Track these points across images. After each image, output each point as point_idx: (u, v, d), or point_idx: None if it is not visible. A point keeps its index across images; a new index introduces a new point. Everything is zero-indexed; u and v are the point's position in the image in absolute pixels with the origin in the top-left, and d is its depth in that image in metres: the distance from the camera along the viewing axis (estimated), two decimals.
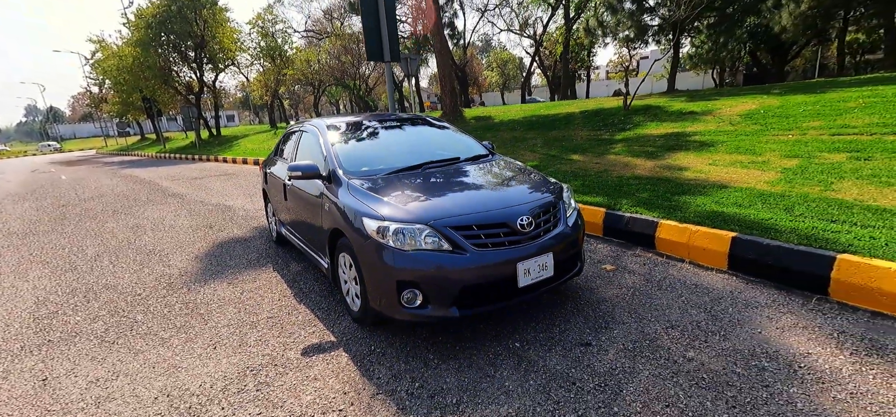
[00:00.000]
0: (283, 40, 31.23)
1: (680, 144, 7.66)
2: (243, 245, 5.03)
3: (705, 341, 2.32)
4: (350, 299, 2.92)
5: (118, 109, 35.41)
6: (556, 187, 3.01)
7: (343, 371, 2.37)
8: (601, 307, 2.84)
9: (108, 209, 8.12)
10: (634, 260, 3.66)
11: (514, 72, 52.01)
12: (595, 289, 3.12)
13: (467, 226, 2.43)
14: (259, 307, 3.28)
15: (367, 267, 2.53)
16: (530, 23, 31.83)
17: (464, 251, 2.36)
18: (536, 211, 2.62)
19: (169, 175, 13.55)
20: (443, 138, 4.02)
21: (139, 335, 2.94)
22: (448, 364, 2.34)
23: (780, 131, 7.15)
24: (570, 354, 2.33)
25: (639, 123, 9.98)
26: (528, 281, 2.47)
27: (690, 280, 3.14)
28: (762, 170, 5.41)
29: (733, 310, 2.63)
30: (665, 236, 3.84)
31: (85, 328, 3.10)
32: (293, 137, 4.36)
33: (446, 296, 2.36)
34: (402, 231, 2.40)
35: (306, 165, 3.15)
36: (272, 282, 3.79)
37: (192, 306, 3.37)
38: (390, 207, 2.56)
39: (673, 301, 2.81)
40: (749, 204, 4.20)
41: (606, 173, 6.36)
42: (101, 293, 3.81)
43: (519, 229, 2.48)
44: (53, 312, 3.44)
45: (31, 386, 2.41)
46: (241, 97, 66.07)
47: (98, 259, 4.87)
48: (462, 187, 2.90)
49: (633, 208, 4.47)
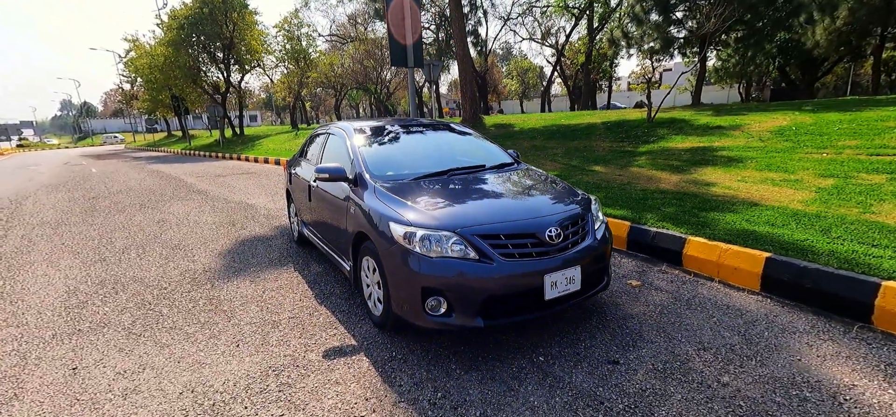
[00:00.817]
0: (308, 44, 31.87)
1: (707, 159, 7.47)
2: (265, 244, 5.10)
3: (741, 365, 2.22)
4: (372, 303, 2.91)
5: (148, 105, 36.60)
6: (584, 199, 2.95)
7: (364, 375, 2.35)
8: (628, 324, 2.75)
9: (135, 203, 8.35)
10: (661, 277, 3.56)
11: (533, 80, 51.83)
12: (621, 305, 3.04)
13: (494, 235, 2.39)
14: (281, 306, 3.30)
15: (391, 272, 2.52)
16: (553, 32, 31.70)
17: (490, 261, 2.33)
18: (565, 223, 2.57)
19: (193, 172, 13.89)
20: (467, 145, 4.01)
21: (165, 329, 2.98)
22: (471, 375, 2.30)
23: (813, 149, 6.91)
24: (597, 372, 2.26)
25: (663, 136, 9.79)
26: (555, 294, 2.42)
27: (721, 300, 3.02)
28: (795, 189, 5.22)
29: (769, 334, 2.51)
30: (693, 254, 3.73)
31: (113, 320, 3.16)
32: (319, 140, 4.41)
33: (471, 305, 2.32)
34: (429, 237, 2.38)
35: (333, 167, 3.17)
36: (293, 282, 3.81)
37: (216, 302, 3.41)
38: (417, 212, 2.55)
39: (704, 322, 2.71)
40: (782, 224, 4.05)
41: (630, 186, 6.24)
42: (129, 285, 3.89)
43: (547, 241, 2.43)
44: (83, 301, 3.54)
45: (62, 375, 2.47)
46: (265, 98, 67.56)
47: (126, 252, 5.00)
48: (489, 195, 2.87)
49: (659, 222, 4.36)
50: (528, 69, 50.31)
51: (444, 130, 4.17)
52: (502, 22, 29.22)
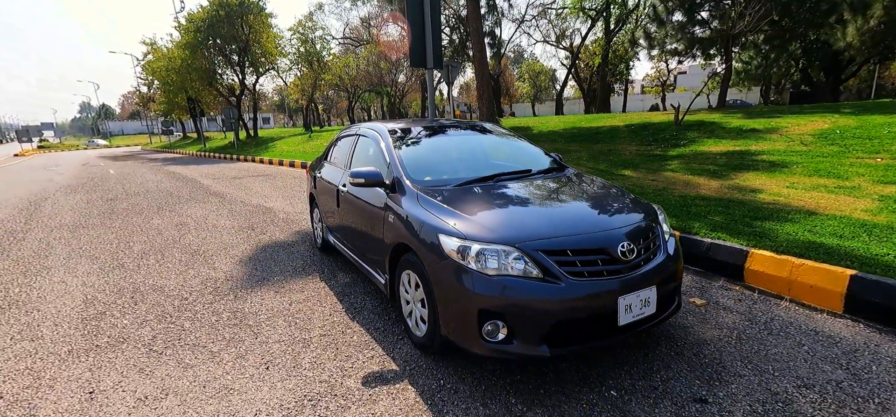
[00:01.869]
0: (322, 47, 31.93)
1: (746, 163, 7.08)
2: (287, 251, 4.87)
3: (859, 410, 1.89)
4: (413, 321, 2.64)
5: (164, 108, 37.02)
6: (650, 208, 2.65)
7: (412, 409, 2.07)
8: (705, 351, 2.44)
9: (152, 205, 8.22)
10: (725, 294, 3.23)
11: (545, 83, 51.37)
12: (689, 328, 2.72)
13: (561, 251, 2.10)
14: (310, 321, 3.05)
15: (441, 290, 2.24)
16: (568, 34, 31.29)
17: (557, 280, 2.03)
18: (636, 236, 2.27)
19: (209, 174, 13.82)
20: (508, 148, 3.72)
21: (188, 346, 2.74)
22: (535, 412, 2.00)
23: (864, 154, 6.48)
24: (684, 412, 1.95)
25: (694, 139, 9.39)
26: (629, 319, 2.11)
27: (805, 324, 2.68)
28: (855, 197, 4.83)
29: (879, 369, 2.18)
30: (758, 268, 3.39)
31: (133, 334, 2.94)
32: (345, 142, 4.16)
33: (536, 331, 2.03)
34: (486, 252, 2.09)
35: (369, 171, 2.91)
36: (321, 294, 3.56)
37: (241, 316, 3.17)
38: (470, 223, 2.27)
39: (794, 351, 2.38)
40: (852, 236, 3.69)
41: (667, 192, 5.89)
42: (148, 294, 3.68)
43: (619, 257, 2.13)
44: (101, 312, 3.32)
45: (78, 399, 2.24)
46: (278, 100, 68.13)
47: (144, 257, 4.81)
48: (546, 205, 2.58)
49: (711, 232, 4.02)
50: (540, 72, 49.88)
51: (480, 132, 3.88)
52: (516, 24, 28.92)
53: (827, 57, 22.45)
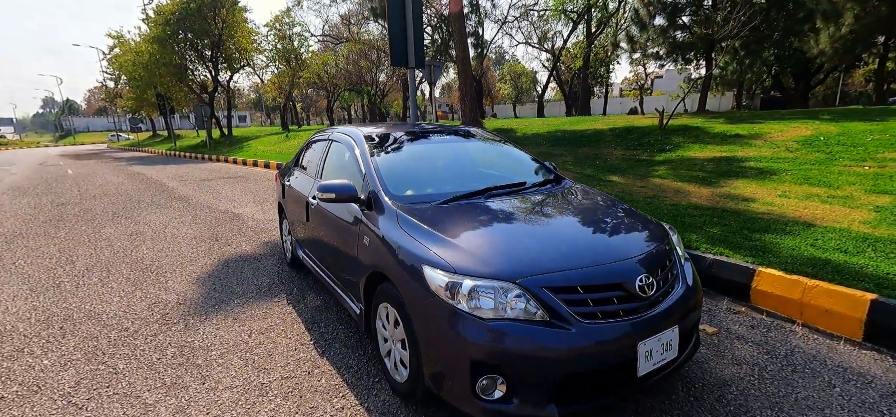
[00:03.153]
0: (300, 44, 30.97)
1: (734, 170, 6.95)
2: (252, 266, 4.38)
3: None
4: (391, 364, 2.24)
5: (132, 104, 35.32)
6: (661, 229, 2.32)
7: None
8: (727, 396, 2.12)
9: (108, 212, 7.53)
10: (734, 319, 2.95)
11: (527, 85, 51.52)
12: (704, 363, 2.41)
13: (570, 287, 1.74)
14: (271, 359, 2.61)
15: (425, 333, 1.85)
16: (549, 37, 31.33)
17: (566, 324, 1.68)
18: (654, 266, 1.94)
19: (177, 175, 13.03)
20: (499, 156, 3.36)
21: (117, 397, 2.27)
22: None
23: (851, 162, 6.41)
24: None
25: (679, 144, 9.28)
26: (650, 367, 1.78)
27: (830, 358, 2.42)
28: (849, 207, 4.69)
29: None
30: (767, 289, 3.13)
31: (50, 381, 2.43)
32: (317, 147, 3.72)
33: (542, 388, 1.67)
34: (481, 289, 1.72)
35: (341, 185, 2.49)
36: (287, 320, 3.12)
37: (189, 352, 2.70)
38: (460, 252, 1.88)
39: (825, 393, 2.10)
40: (856, 251, 3.49)
41: (657, 200, 5.66)
42: (82, 324, 3.15)
43: (638, 294, 1.79)
44: (18, 349, 2.79)
45: None
46: (254, 98, 66.21)
47: (87, 275, 4.24)
48: (548, 228, 2.21)
49: (710, 246, 3.77)
50: (522, 74, 49.99)
51: (466, 138, 3.50)
52: (499, 25, 28.76)
53: (798, 64, 23.13)
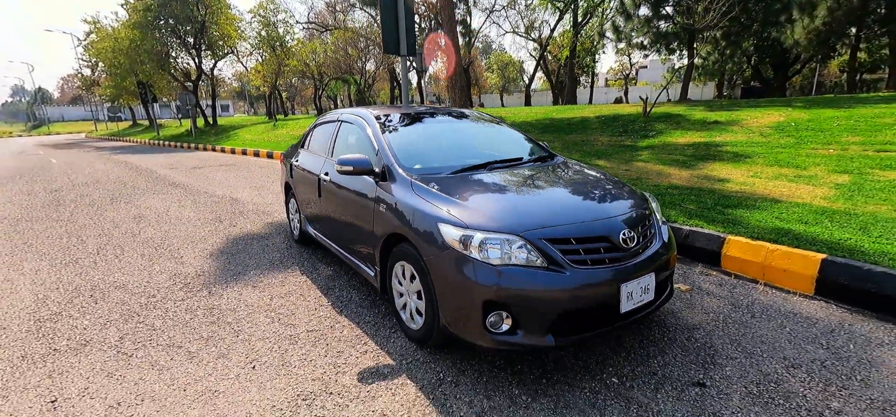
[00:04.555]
0: (285, 31, 30.60)
1: (711, 154, 7.39)
2: (261, 243, 4.62)
3: (844, 388, 1.99)
4: (407, 315, 2.55)
5: (111, 92, 34.47)
6: (643, 196, 2.67)
7: (414, 405, 1.99)
8: (696, 336, 2.50)
9: (104, 197, 7.62)
10: (706, 280, 3.34)
11: (513, 75, 51.80)
12: (678, 313, 2.78)
13: (565, 239, 2.07)
14: (294, 317, 2.89)
15: (441, 283, 2.16)
16: (536, 26, 31.59)
17: (561, 269, 2.01)
18: (635, 223, 2.28)
19: (166, 163, 13.00)
20: (497, 135, 3.67)
21: (161, 347, 2.53)
22: (541, 403, 1.98)
23: (818, 145, 6.91)
24: (686, 396, 1.98)
25: (661, 130, 9.71)
26: (631, 306, 2.12)
27: (783, 307, 2.81)
28: (813, 185, 5.14)
29: (856, 348, 2.30)
30: (735, 254, 3.52)
31: (96, 336, 2.68)
32: (326, 128, 3.97)
33: (542, 321, 1.99)
34: (489, 242, 2.03)
35: (357, 159, 2.77)
36: (303, 288, 3.40)
37: (218, 313, 2.97)
38: (471, 212, 2.19)
39: (778, 333, 2.48)
40: (815, 221, 3.91)
41: (641, 181, 6.05)
42: (110, 292, 3.38)
43: (621, 245, 2.13)
44: (57, 313, 3.02)
45: (39, 409, 2.00)
46: (238, 87, 64.96)
47: (101, 252, 4.42)
48: (545, 193, 2.54)
49: (689, 220, 4.16)
50: (509, 63, 50.23)
51: (464, 119, 3.80)
52: (486, 14, 28.88)
53: (776, 54, 23.88)
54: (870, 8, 15.97)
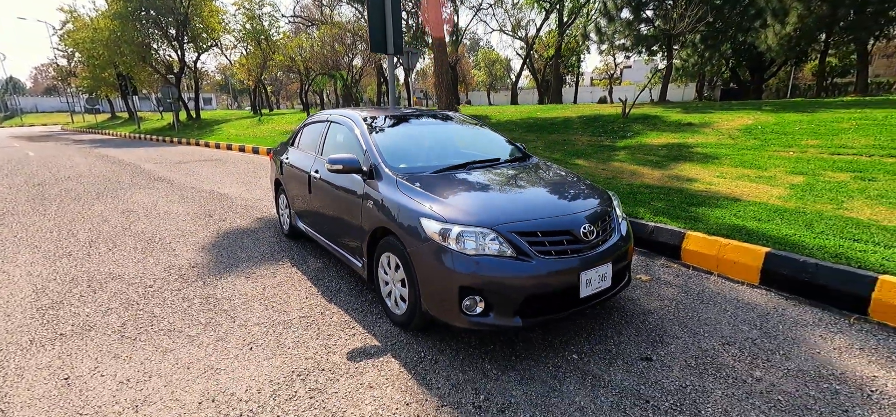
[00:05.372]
0: (271, 24, 30.31)
1: (683, 155, 7.80)
2: (251, 237, 4.80)
3: (768, 360, 2.32)
4: (392, 301, 2.80)
5: (88, 84, 33.64)
6: (606, 195, 2.96)
7: (398, 378, 2.25)
8: (649, 319, 2.81)
9: (90, 191, 7.64)
10: (665, 271, 3.66)
11: (500, 72, 52.20)
12: (636, 300, 3.09)
13: (532, 232, 2.34)
14: (287, 304, 3.11)
15: (423, 271, 2.41)
16: (523, 25, 31.97)
17: (528, 258, 2.28)
18: (595, 219, 2.57)
19: (149, 158, 12.93)
20: (476, 137, 3.92)
21: (162, 332, 2.73)
22: (509, 376, 2.25)
23: (780, 148, 7.37)
24: (634, 369, 2.28)
25: (639, 131, 10.13)
26: (589, 292, 2.41)
27: (729, 295, 3.15)
28: (771, 185, 5.54)
29: (784, 328, 2.64)
30: (693, 248, 3.86)
31: (98, 322, 2.86)
32: (315, 128, 4.17)
33: (510, 304, 2.27)
34: (466, 234, 2.29)
35: (347, 158, 3.00)
36: (294, 278, 3.61)
37: (214, 301, 3.16)
38: (449, 208, 2.45)
39: (720, 316, 2.81)
40: (768, 219, 4.27)
41: (616, 180, 6.39)
42: (107, 283, 3.54)
43: (582, 238, 2.42)
44: (57, 302, 3.17)
45: (54, 385, 2.19)
46: (221, 80, 63.87)
47: (93, 245, 4.55)
48: (517, 191, 2.81)
49: (655, 217, 4.49)
50: (496, 61, 50.60)
51: (447, 121, 4.05)
52: (474, 12, 29.12)
53: (752, 58, 24.74)
54: (838, 16, 16.71)
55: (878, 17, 16.61)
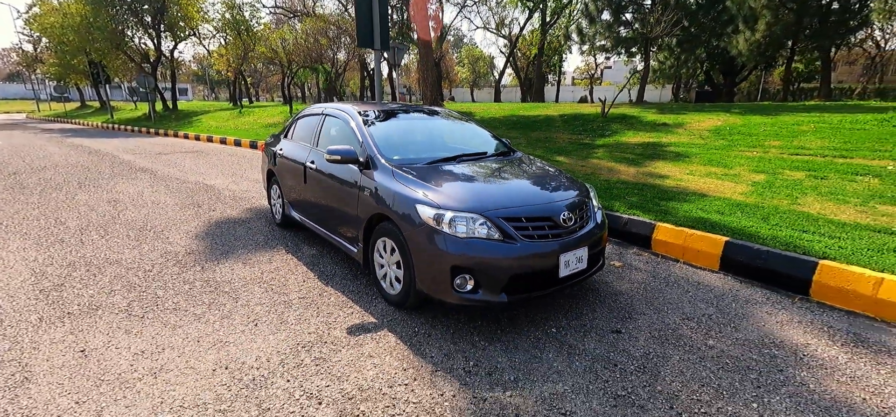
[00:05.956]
0: (251, 15, 29.76)
1: (657, 153, 8.23)
2: (244, 227, 4.92)
3: (720, 331, 2.64)
4: (387, 283, 3.01)
5: (57, 71, 32.38)
6: (583, 186, 3.25)
7: (395, 349, 2.47)
8: (620, 299, 3.11)
9: (71, 181, 7.55)
10: (637, 258, 3.99)
11: (484, 70, 52.60)
12: (610, 283, 3.40)
13: (517, 218, 2.60)
14: (286, 287, 3.29)
15: (418, 253, 2.64)
16: (507, 23, 32.35)
17: (513, 241, 2.53)
18: (574, 208, 2.84)
19: (127, 148, 12.69)
20: (465, 132, 4.16)
21: (169, 311, 2.87)
22: (495, 346, 2.51)
23: (745, 148, 7.87)
24: (605, 340, 2.57)
25: (616, 130, 10.56)
26: (567, 272, 2.68)
27: (692, 278, 3.49)
28: (735, 182, 5.98)
29: (736, 305, 2.98)
30: (662, 238, 4.21)
31: (104, 302, 2.98)
32: (310, 121, 4.33)
33: (496, 282, 2.52)
34: (457, 219, 2.53)
35: (345, 149, 3.19)
36: (290, 264, 3.78)
37: (215, 284, 3.31)
38: (442, 195, 2.68)
39: (682, 296, 3.14)
40: (730, 212, 4.66)
41: (594, 176, 6.74)
42: (105, 267, 3.63)
43: (562, 224, 2.69)
44: (59, 284, 3.26)
45: (71, 357, 2.33)
46: (199, 71, 62.17)
47: (85, 232, 4.59)
48: (504, 181, 3.07)
49: (629, 210, 4.83)
50: (480, 58, 50.95)
51: (438, 117, 4.28)
52: (458, 8, 29.33)
53: (725, 62, 25.78)
54: (803, 24, 17.65)
55: (839, 26, 17.62)
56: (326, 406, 2.00)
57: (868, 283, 2.88)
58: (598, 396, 2.08)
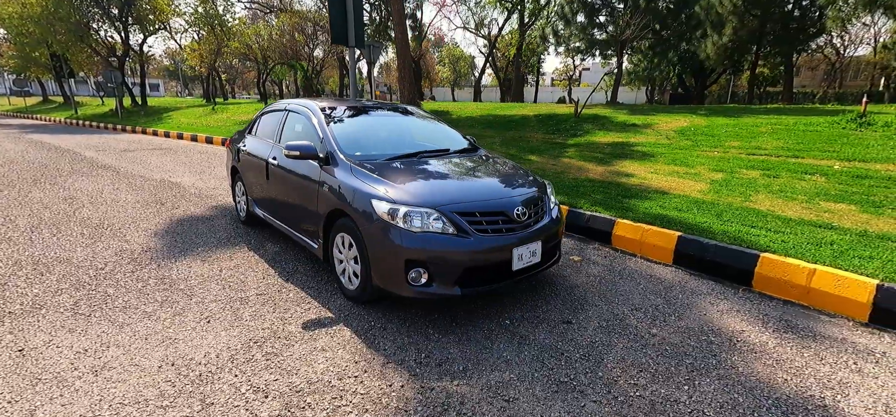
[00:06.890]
0: (225, 9, 29.03)
1: (625, 152, 8.46)
2: (207, 224, 4.83)
3: (664, 321, 2.76)
4: (346, 278, 3.02)
5: (16, 64, 30.84)
6: (541, 183, 3.33)
7: (349, 343, 2.49)
8: (575, 292, 3.20)
9: (25, 178, 7.23)
10: (596, 253, 4.11)
11: (465, 69, 52.79)
12: (567, 277, 3.49)
13: (471, 212, 2.65)
14: (244, 284, 3.25)
15: (373, 247, 2.66)
16: (486, 23, 32.54)
17: (467, 235, 2.58)
18: (529, 203, 2.91)
19: (90, 145, 12.22)
20: (429, 130, 4.19)
21: (118, 309, 2.80)
22: (448, 338, 2.55)
23: (707, 148, 8.18)
24: (555, 330, 2.65)
25: (588, 130, 10.79)
26: (521, 266, 2.75)
27: (646, 272, 3.62)
28: (695, 181, 6.21)
29: (683, 296, 3.11)
30: (621, 234, 4.34)
31: (49, 301, 2.88)
32: (273, 117, 4.28)
33: (450, 276, 2.56)
34: (411, 214, 2.56)
35: (304, 145, 3.18)
36: (251, 261, 3.73)
37: (170, 281, 3.25)
38: (398, 190, 2.71)
39: (634, 288, 3.25)
40: (687, 209, 4.85)
41: (564, 175, 6.88)
42: (54, 266, 3.51)
43: (515, 219, 2.75)
44: (2, 283, 3.14)
45: (8, 356, 2.25)
46: (171, 66, 60.18)
47: (36, 231, 4.42)
48: (461, 177, 3.11)
49: (592, 207, 4.96)
50: (460, 58, 51.09)
51: (403, 114, 4.30)
52: (438, 8, 29.33)
53: (695, 65, 26.69)
54: (766, 30, 18.40)
55: (799, 33, 18.45)
56: (273, 399, 2.00)
57: (802, 274, 3.06)
58: (541, 383, 2.14)
